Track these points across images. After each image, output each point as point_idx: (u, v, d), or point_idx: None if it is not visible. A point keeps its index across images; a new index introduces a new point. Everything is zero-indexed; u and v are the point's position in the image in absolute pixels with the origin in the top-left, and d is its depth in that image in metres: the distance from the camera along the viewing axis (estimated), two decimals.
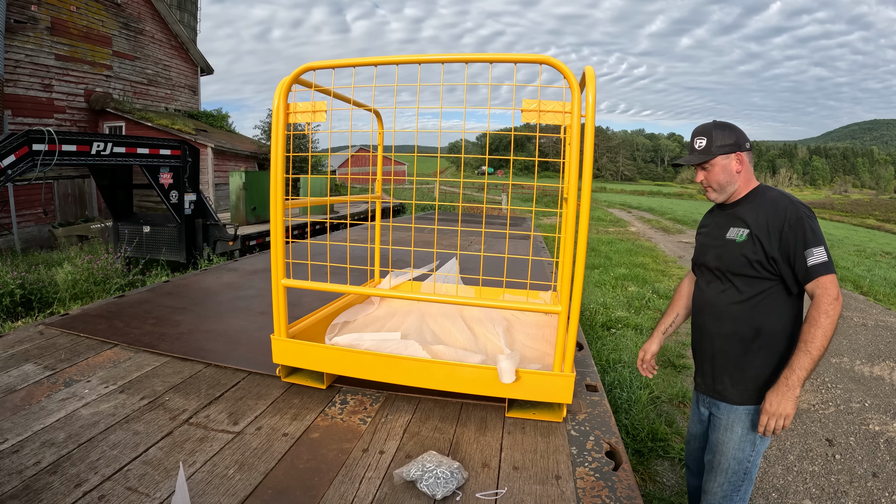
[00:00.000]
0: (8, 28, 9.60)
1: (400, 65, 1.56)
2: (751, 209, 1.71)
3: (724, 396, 1.74)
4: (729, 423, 1.73)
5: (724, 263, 1.75)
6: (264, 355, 1.96)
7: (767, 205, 1.66)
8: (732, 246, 1.71)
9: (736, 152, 1.69)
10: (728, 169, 1.71)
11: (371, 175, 2.69)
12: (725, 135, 1.69)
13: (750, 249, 1.67)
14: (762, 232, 1.64)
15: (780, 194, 1.70)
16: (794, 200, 1.66)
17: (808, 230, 1.58)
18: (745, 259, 1.68)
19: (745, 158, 1.70)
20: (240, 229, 8.02)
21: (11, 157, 4.69)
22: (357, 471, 1.34)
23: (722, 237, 1.76)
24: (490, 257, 4.25)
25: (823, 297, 1.54)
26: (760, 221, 1.66)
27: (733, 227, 1.73)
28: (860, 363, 4.85)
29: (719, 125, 1.72)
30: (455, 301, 1.73)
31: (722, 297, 1.75)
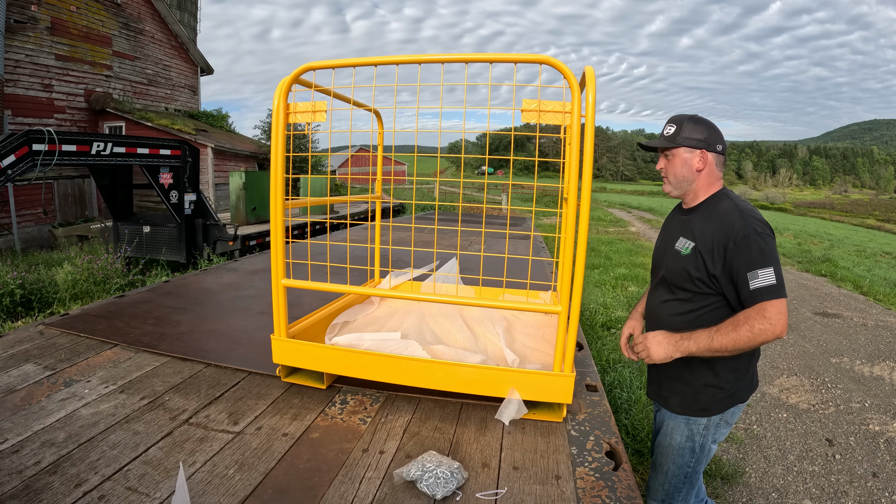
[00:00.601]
0: (8, 28, 9.60)
1: (400, 65, 1.56)
2: (701, 220, 1.63)
3: (667, 404, 1.75)
4: (670, 429, 1.75)
5: (669, 273, 1.70)
6: (264, 355, 1.96)
7: (717, 218, 1.58)
8: (677, 258, 1.66)
9: (702, 149, 1.61)
10: (688, 163, 1.62)
11: (371, 175, 2.69)
12: (697, 129, 1.62)
13: (692, 264, 1.60)
14: (706, 248, 1.57)
15: (732, 206, 1.58)
16: (746, 214, 1.54)
17: (755, 250, 1.47)
18: (686, 273, 1.61)
19: (710, 159, 1.62)
20: (240, 229, 8.02)
21: (11, 157, 4.69)
22: (357, 471, 1.34)
23: (672, 246, 1.71)
24: (490, 257, 4.25)
25: (758, 318, 1.44)
26: (706, 235, 1.58)
27: (682, 236, 1.67)
28: (860, 363, 4.85)
29: (694, 118, 1.64)
30: (455, 301, 1.73)
31: (664, 308, 1.72)
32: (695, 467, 1.74)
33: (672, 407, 1.73)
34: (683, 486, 1.77)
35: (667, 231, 1.82)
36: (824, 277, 9.20)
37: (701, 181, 1.64)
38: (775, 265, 1.47)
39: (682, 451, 1.73)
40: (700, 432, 1.70)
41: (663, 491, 1.79)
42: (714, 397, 1.66)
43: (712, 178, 1.65)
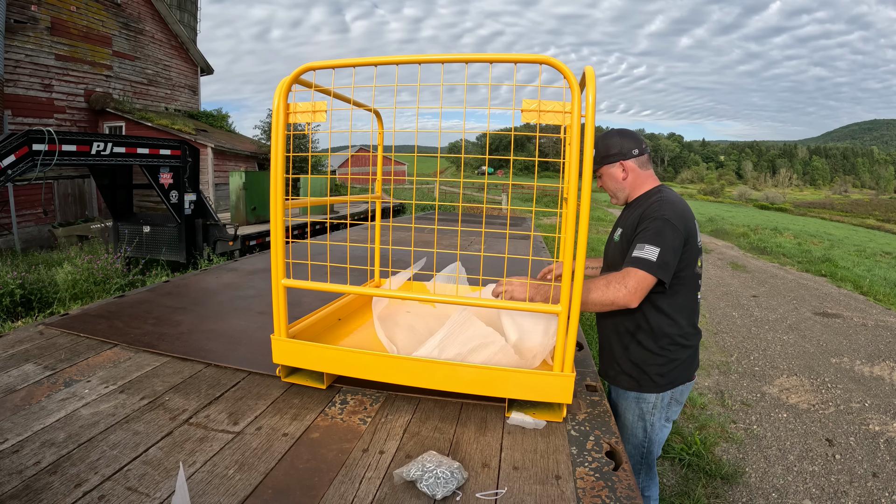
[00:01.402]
0: (8, 28, 9.60)
1: (400, 65, 1.56)
2: (630, 211, 1.81)
3: (616, 382, 1.89)
4: (622, 408, 1.88)
5: (607, 261, 1.92)
6: (264, 355, 1.96)
7: (643, 206, 1.74)
8: (613, 245, 1.86)
9: (619, 161, 1.79)
10: (614, 177, 1.82)
11: (371, 175, 2.69)
12: (609, 145, 1.80)
13: (621, 248, 1.77)
14: (630, 231, 1.72)
15: (659, 199, 1.72)
16: (665, 204, 1.68)
17: (654, 231, 1.60)
18: (620, 257, 1.76)
19: (630, 165, 1.79)
20: (240, 229, 8.02)
21: (11, 157, 4.69)
22: (357, 471, 1.34)
23: (611, 237, 1.91)
24: (490, 257, 4.25)
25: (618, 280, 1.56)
26: (633, 222, 1.74)
27: (618, 227, 1.86)
28: (860, 363, 4.85)
29: (607, 135, 1.83)
30: (455, 301, 1.73)
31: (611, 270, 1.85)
32: (649, 447, 1.86)
33: (621, 384, 1.86)
34: (641, 467, 1.88)
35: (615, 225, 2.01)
36: (824, 277, 9.20)
37: (629, 186, 1.83)
38: (664, 249, 1.58)
39: (635, 430, 1.85)
40: (650, 410, 1.82)
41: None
42: (659, 372, 1.78)
43: (637, 178, 1.82)
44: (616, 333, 1.85)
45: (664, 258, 1.57)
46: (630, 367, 1.82)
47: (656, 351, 1.77)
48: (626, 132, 1.85)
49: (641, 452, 1.86)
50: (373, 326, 2.31)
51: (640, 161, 1.81)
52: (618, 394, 1.90)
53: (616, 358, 1.86)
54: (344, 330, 2.20)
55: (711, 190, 74.24)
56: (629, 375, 1.83)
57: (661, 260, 1.56)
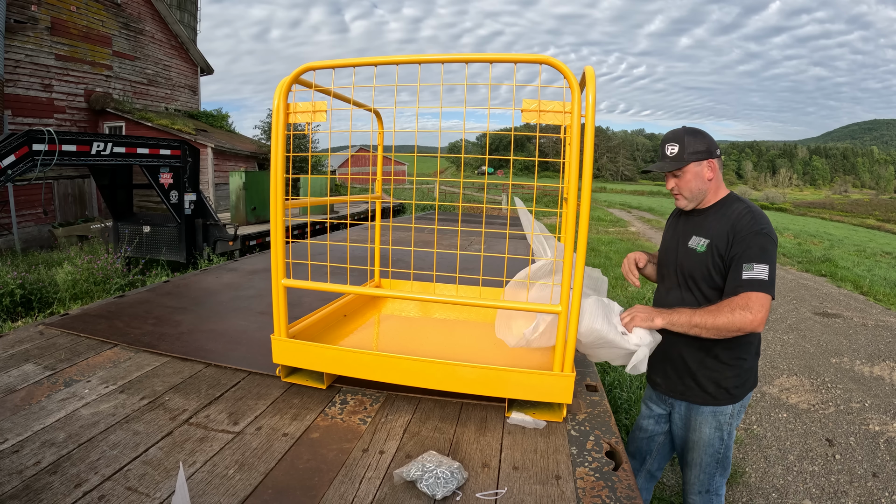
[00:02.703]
0: (8, 28, 9.60)
1: (400, 65, 1.56)
2: (714, 220, 1.72)
3: (688, 397, 1.82)
4: (697, 423, 1.83)
5: (685, 271, 1.78)
6: (264, 355, 1.96)
7: (730, 217, 1.68)
8: (693, 255, 1.74)
9: (708, 159, 1.70)
10: (700, 176, 1.72)
11: (371, 175, 2.69)
12: (697, 141, 1.69)
13: (710, 259, 1.68)
14: (721, 242, 1.66)
15: (745, 208, 1.68)
16: (757, 216, 1.65)
17: (757, 246, 1.57)
18: (705, 269, 1.70)
19: (715, 166, 1.72)
20: (240, 229, 8.02)
21: (11, 157, 4.69)
22: (357, 471, 1.34)
23: (684, 245, 1.79)
24: (490, 257, 4.25)
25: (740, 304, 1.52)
26: (721, 231, 1.67)
27: (695, 235, 1.76)
28: (860, 363, 4.85)
29: (691, 131, 1.71)
30: (455, 301, 1.73)
31: (680, 304, 1.76)
32: (726, 452, 1.83)
33: (695, 399, 1.79)
34: (717, 470, 1.86)
35: (674, 231, 1.89)
36: (824, 277, 9.20)
37: (711, 188, 1.75)
38: (771, 265, 1.55)
39: (712, 441, 1.80)
40: (727, 421, 1.78)
41: (699, 482, 1.89)
42: (735, 383, 1.74)
43: (719, 181, 1.76)
44: (690, 348, 1.76)
45: (773, 274, 1.55)
46: (707, 383, 1.76)
47: (733, 363, 1.73)
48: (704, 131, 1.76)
49: (718, 459, 1.84)
50: (373, 326, 2.32)
51: (720, 163, 1.76)
52: (689, 409, 1.85)
53: (691, 373, 1.79)
54: (344, 330, 2.20)
55: None
56: (705, 391, 1.77)
57: (771, 277, 1.54)
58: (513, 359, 1.92)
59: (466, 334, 2.23)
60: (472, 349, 2.03)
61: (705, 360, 1.75)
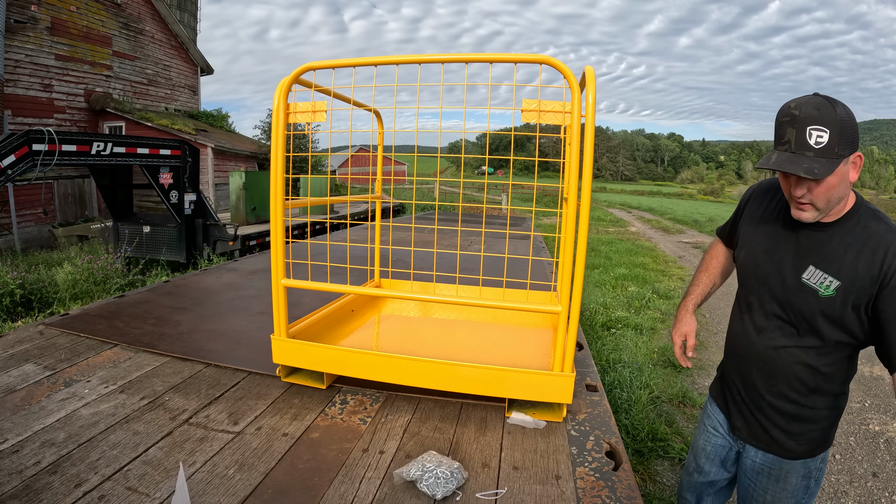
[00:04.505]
0: (8, 28, 9.60)
1: (399, 65, 1.56)
2: (844, 245, 1.21)
3: (776, 448, 1.44)
4: (782, 474, 1.46)
5: (793, 313, 1.30)
6: (264, 355, 1.96)
7: (875, 243, 1.18)
8: (810, 295, 1.25)
9: (854, 153, 1.15)
10: (846, 180, 1.17)
11: (371, 175, 2.69)
12: (850, 125, 1.12)
13: (838, 307, 1.22)
14: (864, 288, 1.18)
15: (887, 230, 1.19)
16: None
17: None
18: (826, 319, 1.24)
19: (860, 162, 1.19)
20: (240, 229, 8.02)
21: (11, 157, 4.69)
22: (357, 471, 1.34)
23: (795, 276, 1.28)
24: (490, 257, 4.25)
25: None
26: (862, 271, 1.18)
27: (815, 265, 1.25)
28: (860, 363, 4.84)
29: (840, 106, 1.13)
30: (455, 301, 1.73)
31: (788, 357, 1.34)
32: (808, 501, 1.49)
33: (785, 453, 1.43)
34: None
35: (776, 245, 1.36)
36: None
37: (849, 192, 1.23)
38: None
39: (797, 490, 1.46)
40: (817, 467, 1.44)
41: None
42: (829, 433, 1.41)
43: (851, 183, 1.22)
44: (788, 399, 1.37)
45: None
46: (801, 437, 1.40)
47: (832, 408, 1.38)
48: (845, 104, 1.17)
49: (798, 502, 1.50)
50: (373, 326, 2.32)
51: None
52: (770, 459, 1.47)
53: (781, 427, 1.41)
54: (344, 330, 2.20)
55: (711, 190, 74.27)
56: (801, 439, 1.40)
57: None
58: (513, 359, 1.92)
59: (466, 334, 2.23)
60: (472, 349, 2.03)
61: (801, 413, 1.37)
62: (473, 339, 2.17)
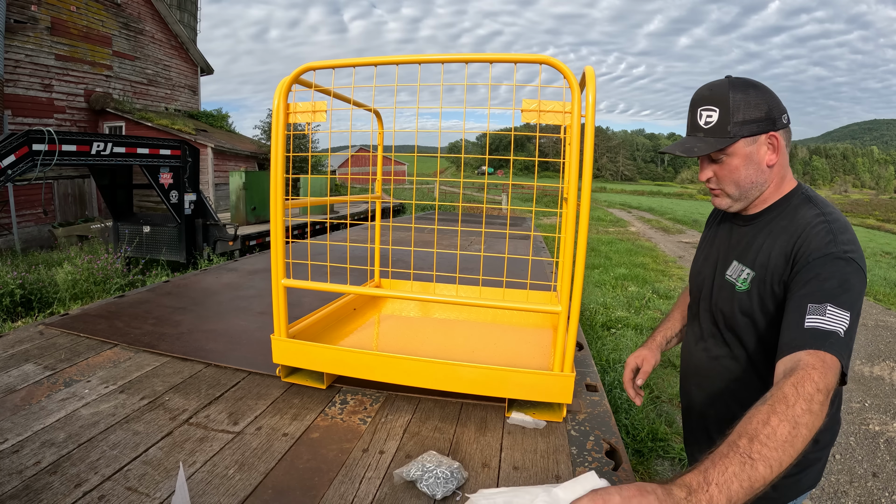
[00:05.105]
0: (8, 28, 9.60)
1: (399, 65, 1.56)
2: (767, 235, 1.09)
3: None
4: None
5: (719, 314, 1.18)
6: (264, 355, 1.96)
7: (796, 227, 1.04)
8: (731, 293, 1.14)
9: (768, 132, 1.04)
10: (755, 160, 1.06)
11: (371, 175, 2.69)
12: (750, 101, 1.04)
13: (756, 302, 1.08)
14: (777, 270, 1.04)
15: (817, 218, 1.03)
16: (839, 229, 1.01)
17: (836, 278, 0.94)
18: (748, 318, 1.10)
19: (780, 142, 1.06)
20: (240, 229, 8.03)
21: (11, 157, 4.69)
22: (357, 471, 1.34)
23: (721, 272, 1.18)
24: (490, 257, 4.25)
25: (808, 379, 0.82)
26: (777, 254, 1.05)
27: (738, 260, 1.14)
28: (860, 363, 4.84)
29: (739, 84, 1.05)
30: (455, 301, 1.73)
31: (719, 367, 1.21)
32: None
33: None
34: None
35: (712, 245, 1.28)
36: None
37: (773, 178, 1.10)
38: (855, 313, 0.91)
39: None
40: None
41: None
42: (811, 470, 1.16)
43: (784, 167, 1.10)
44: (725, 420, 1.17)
45: (853, 332, 0.91)
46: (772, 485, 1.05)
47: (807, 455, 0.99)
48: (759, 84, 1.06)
49: None
50: (373, 326, 2.32)
51: (787, 136, 1.07)
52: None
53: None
54: (344, 330, 2.20)
55: None
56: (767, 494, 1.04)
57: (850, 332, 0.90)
58: (513, 359, 1.92)
59: (466, 334, 2.23)
60: (472, 349, 2.03)
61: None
62: (473, 339, 2.17)
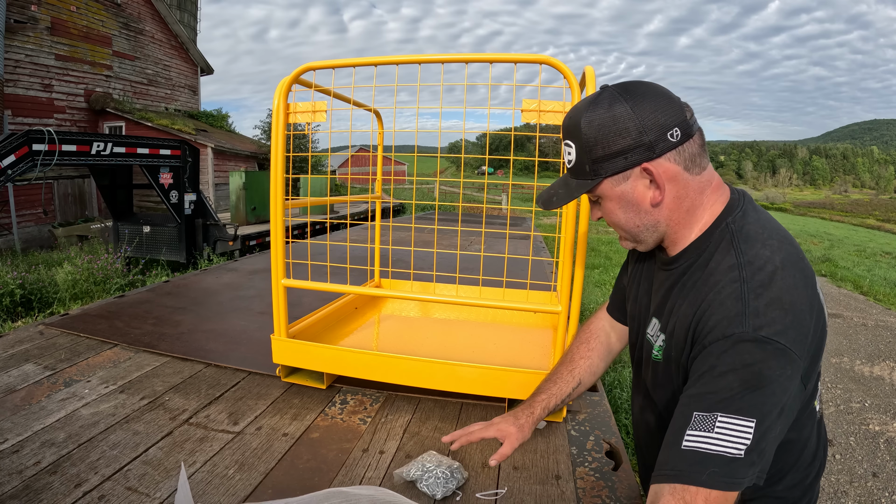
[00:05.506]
0: (8, 28, 9.60)
1: (399, 65, 1.56)
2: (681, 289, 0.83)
3: None
4: None
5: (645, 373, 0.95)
6: (264, 355, 1.96)
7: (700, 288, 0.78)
8: (649, 353, 0.91)
9: (640, 163, 0.77)
10: (631, 200, 0.82)
11: (371, 175, 2.69)
12: (610, 128, 0.77)
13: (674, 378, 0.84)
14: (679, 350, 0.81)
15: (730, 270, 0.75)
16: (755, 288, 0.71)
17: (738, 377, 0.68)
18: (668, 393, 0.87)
19: (665, 172, 0.78)
20: (240, 229, 8.02)
21: (11, 157, 4.69)
22: (357, 471, 1.34)
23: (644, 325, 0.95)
24: (490, 257, 4.25)
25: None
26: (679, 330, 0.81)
27: (655, 315, 0.90)
28: (860, 363, 4.84)
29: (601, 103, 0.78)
30: (455, 301, 1.73)
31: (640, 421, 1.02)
32: None
33: None
34: None
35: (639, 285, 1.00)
36: (824, 277, 9.20)
37: (670, 216, 0.82)
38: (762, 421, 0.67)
39: None
40: None
41: None
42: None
43: (690, 198, 0.81)
44: None
45: (762, 443, 0.67)
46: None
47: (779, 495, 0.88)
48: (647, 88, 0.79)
49: None
50: (373, 326, 2.32)
51: (684, 154, 0.78)
52: None
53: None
54: (344, 330, 2.20)
55: None
56: None
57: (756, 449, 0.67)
58: (513, 359, 1.92)
59: (466, 334, 2.23)
60: (472, 349, 2.03)
61: None
62: (473, 339, 2.17)
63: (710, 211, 0.83)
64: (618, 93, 0.78)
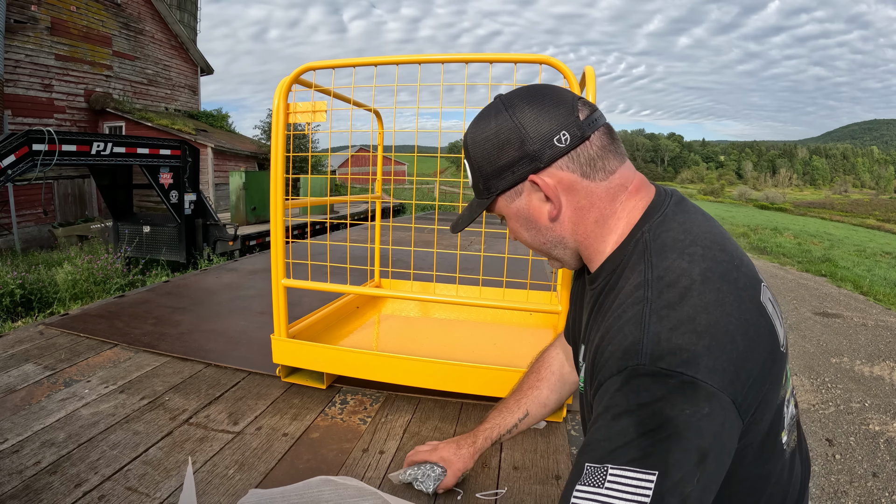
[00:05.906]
0: (8, 28, 9.60)
1: (399, 65, 1.56)
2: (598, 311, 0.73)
3: None
4: None
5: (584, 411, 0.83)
6: (264, 355, 1.96)
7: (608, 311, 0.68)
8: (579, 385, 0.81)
9: (526, 178, 0.71)
10: (528, 217, 0.75)
11: (371, 175, 2.69)
12: (493, 141, 0.72)
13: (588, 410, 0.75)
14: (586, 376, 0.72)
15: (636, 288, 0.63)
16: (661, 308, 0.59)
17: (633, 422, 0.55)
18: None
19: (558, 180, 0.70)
20: (240, 229, 8.03)
21: (11, 157, 4.69)
22: (357, 471, 1.34)
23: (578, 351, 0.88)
24: (490, 257, 4.25)
25: None
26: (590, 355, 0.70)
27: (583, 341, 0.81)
28: (860, 363, 4.85)
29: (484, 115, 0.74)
30: (455, 301, 1.73)
31: None
32: None
33: None
34: None
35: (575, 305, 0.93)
36: (824, 277, 9.20)
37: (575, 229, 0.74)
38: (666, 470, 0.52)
39: None
40: None
41: None
42: None
43: (594, 208, 0.72)
44: None
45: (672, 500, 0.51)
46: None
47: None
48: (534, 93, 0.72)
49: None
50: (373, 326, 2.32)
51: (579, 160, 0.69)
52: None
53: None
54: (344, 330, 2.20)
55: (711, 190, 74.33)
56: None
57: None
58: (513, 359, 1.92)
59: (466, 334, 2.23)
60: (472, 349, 2.03)
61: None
62: (473, 339, 2.17)
63: (627, 219, 0.71)
64: (502, 102, 0.72)
